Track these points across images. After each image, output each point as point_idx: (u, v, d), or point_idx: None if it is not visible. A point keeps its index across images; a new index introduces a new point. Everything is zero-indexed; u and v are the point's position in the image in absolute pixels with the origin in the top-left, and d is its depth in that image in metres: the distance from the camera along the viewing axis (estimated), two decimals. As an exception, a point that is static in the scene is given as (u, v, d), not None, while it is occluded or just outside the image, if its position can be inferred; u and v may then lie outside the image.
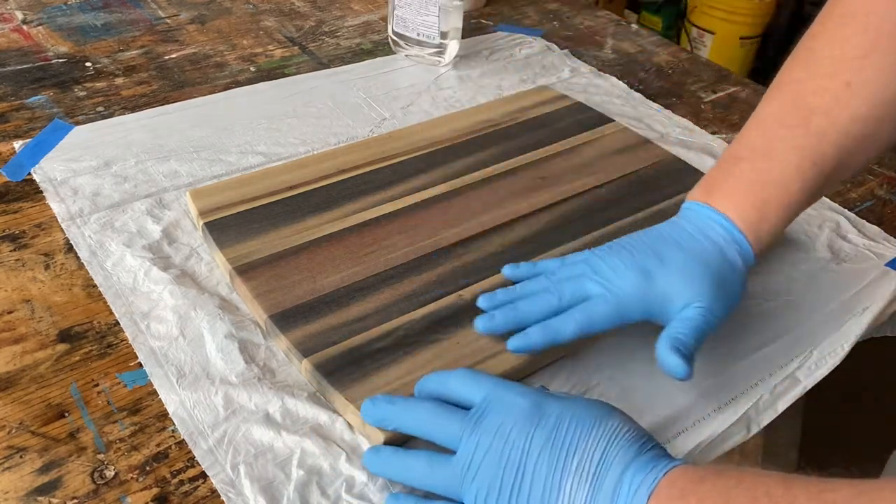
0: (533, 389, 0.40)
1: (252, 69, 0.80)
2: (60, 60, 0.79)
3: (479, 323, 0.48)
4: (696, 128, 0.76)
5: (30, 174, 0.62)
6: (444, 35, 0.80)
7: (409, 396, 0.44)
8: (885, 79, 0.46)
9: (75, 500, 0.40)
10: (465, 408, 0.41)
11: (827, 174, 0.48)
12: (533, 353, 0.47)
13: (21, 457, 0.42)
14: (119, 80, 0.76)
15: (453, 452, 0.39)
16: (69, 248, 0.56)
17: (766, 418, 0.48)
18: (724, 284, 0.47)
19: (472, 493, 0.38)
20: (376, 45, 0.87)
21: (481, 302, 0.50)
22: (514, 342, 0.47)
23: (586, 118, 0.73)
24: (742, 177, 0.49)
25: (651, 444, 0.38)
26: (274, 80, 0.78)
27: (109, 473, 0.42)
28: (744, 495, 0.32)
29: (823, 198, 0.66)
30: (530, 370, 0.49)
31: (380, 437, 0.43)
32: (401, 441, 0.44)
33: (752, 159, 0.49)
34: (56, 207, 0.59)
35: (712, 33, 2.20)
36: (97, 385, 0.46)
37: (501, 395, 0.40)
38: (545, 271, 0.51)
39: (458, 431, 0.39)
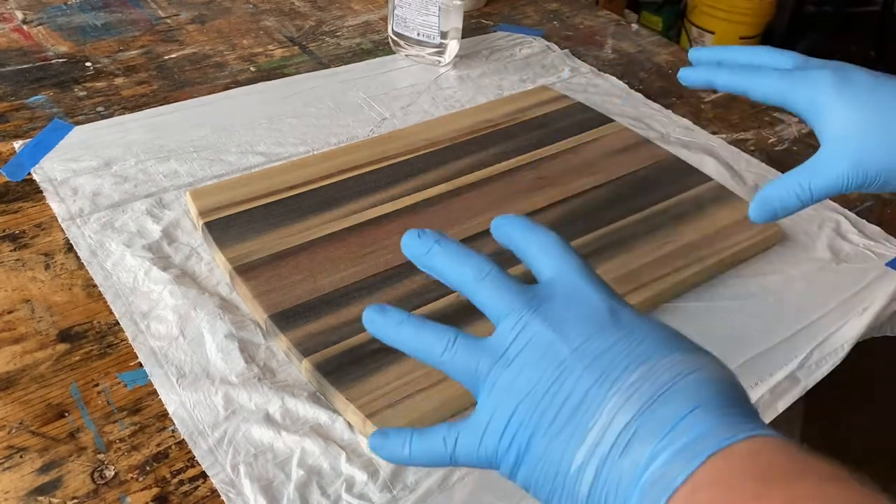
0: (611, 293, 0.33)
1: (252, 69, 0.80)
2: (60, 60, 0.79)
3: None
4: (696, 128, 0.76)
5: (30, 174, 0.62)
6: (444, 35, 0.80)
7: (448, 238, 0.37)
8: None
9: (75, 500, 0.40)
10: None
11: None
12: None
13: (21, 457, 0.42)
14: (119, 80, 0.76)
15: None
16: (69, 248, 0.56)
17: (766, 418, 0.48)
18: None
19: (495, 383, 0.31)
20: (376, 44, 0.87)
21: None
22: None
23: (586, 118, 0.73)
24: None
25: (735, 396, 0.29)
26: (274, 80, 0.78)
27: (109, 473, 0.42)
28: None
29: (823, 198, 0.66)
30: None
31: (380, 437, 0.43)
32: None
33: None
34: (56, 207, 0.59)
35: (712, 33, 2.20)
36: (97, 385, 0.46)
37: (573, 282, 0.33)
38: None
39: (507, 305, 0.33)
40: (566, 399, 0.30)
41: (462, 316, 0.50)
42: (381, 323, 0.35)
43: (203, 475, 0.42)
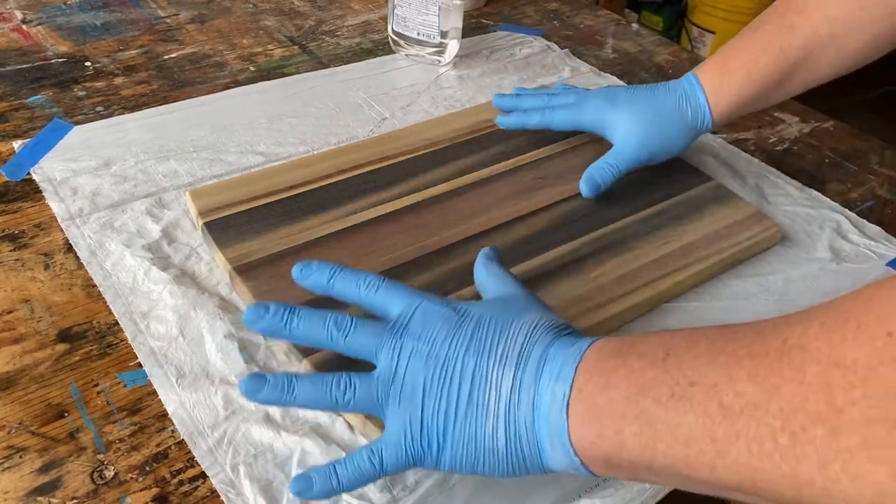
0: (449, 299, 0.41)
1: (252, 69, 0.80)
2: (60, 60, 0.79)
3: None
4: (697, 127, 0.76)
5: (29, 174, 0.62)
6: (444, 34, 0.80)
7: (306, 306, 0.41)
8: None
9: (75, 500, 0.40)
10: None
11: (792, 62, 0.58)
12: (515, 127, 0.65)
13: (21, 457, 0.42)
14: (119, 80, 0.76)
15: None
16: (69, 248, 0.56)
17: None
18: (665, 128, 0.61)
19: (397, 400, 0.37)
20: (376, 44, 0.87)
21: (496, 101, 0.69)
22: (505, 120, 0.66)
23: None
24: (721, 52, 0.61)
25: (569, 329, 0.39)
26: (274, 80, 0.78)
27: (109, 473, 0.42)
28: (677, 339, 0.33)
29: (824, 198, 0.66)
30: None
31: (379, 435, 0.43)
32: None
33: (736, 41, 0.61)
34: (55, 207, 0.59)
35: (713, 33, 2.20)
36: (97, 385, 0.46)
37: (423, 304, 0.39)
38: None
39: (376, 341, 0.39)
40: (459, 388, 0.37)
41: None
42: (271, 393, 0.39)
43: (203, 475, 0.42)
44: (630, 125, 0.61)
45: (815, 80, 0.60)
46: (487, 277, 0.44)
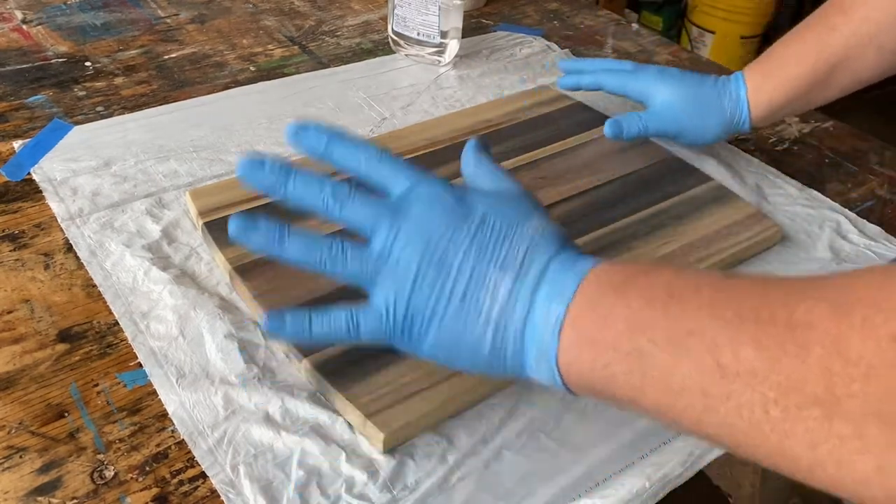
0: (456, 185, 0.39)
1: (252, 69, 0.80)
2: (60, 60, 0.79)
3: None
4: (697, 127, 0.76)
5: (29, 174, 0.62)
6: (444, 34, 0.80)
7: (299, 166, 0.39)
8: None
9: (75, 500, 0.40)
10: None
11: (831, 63, 0.59)
12: None
13: (21, 457, 0.42)
14: (119, 80, 0.76)
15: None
16: (69, 248, 0.56)
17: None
18: (702, 113, 0.64)
19: (388, 277, 0.37)
20: (376, 44, 0.87)
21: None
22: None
23: (586, 118, 0.73)
24: (767, 53, 0.64)
25: (572, 244, 0.38)
26: (274, 80, 0.78)
27: (109, 473, 0.42)
28: (681, 283, 0.32)
29: (823, 198, 0.66)
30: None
31: (380, 437, 0.43)
32: (399, 443, 0.44)
33: (780, 42, 0.63)
34: (55, 207, 0.59)
35: (713, 33, 2.20)
36: (97, 385, 0.46)
37: (427, 187, 0.38)
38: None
39: (374, 217, 0.38)
40: (454, 283, 0.36)
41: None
42: (261, 241, 0.39)
43: (203, 475, 0.42)
44: (670, 97, 0.64)
45: (860, 81, 0.61)
46: (478, 170, 0.42)
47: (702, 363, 0.29)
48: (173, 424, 0.44)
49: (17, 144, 0.65)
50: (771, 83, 0.62)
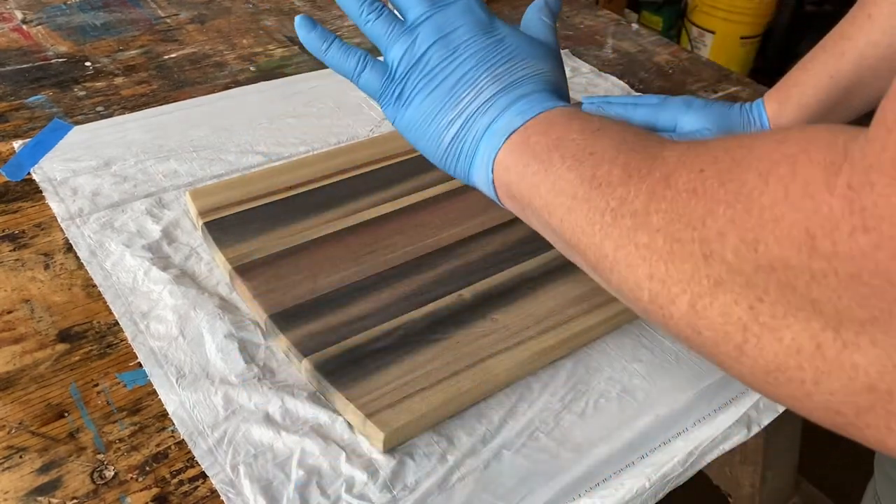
0: (491, 13, 0.44)
1: (252, 69, 0.80)
2: (60, 60, 0.79)
3: None
4: (697, 127, 0.76)
5: (29, 174, 0.62)
6: None
7: None
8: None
9: (75, 500, 0.40)
10: None
11: (844, 87, 0.60)
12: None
13: (21, 457, 0.42)
14: (119, 80, 0.76)
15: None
16: (69, 248, 0.56)
17: (766, 418, 0.48)
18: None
19: (402, 49, 0.42)
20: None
21: None
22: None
23: (586, 118, 0.73)
24: (784, 79, 0.64)
25: (561, 95, 0.42)
26: (274, 80, 0.78)
27: (109, 473, 0.42)
28: (609, 124, 0.37)
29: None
30: (531, 370, 0.49)
31: (380, 436, 0.43)
32: (399, 443, 0.44)
33: (795, 68, 0.64)
34: (56, 207, 0.59)
35: (713, 33, 2.20)
36: (97, 385, 0.46)
37: (470, 8, 0.43)
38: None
39: (421, 3, 0.42)
40: (449, 75, 0.41)
41: (458, 316, 0.50)
42: (308, 39, 0.45)
43: (203, 475, 0.42)
44: (699, 125, 0.65)
45: (877, 100, 0.61)
46: (536, 21, 0.46)
47: (583, 173, 0.34)
48: (173, 424, 0.44)
49: (17, 144, 0.65)
50: (789, 110, 0.63)
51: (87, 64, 0.79)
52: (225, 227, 0.56)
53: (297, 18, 0.45)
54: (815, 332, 0.24)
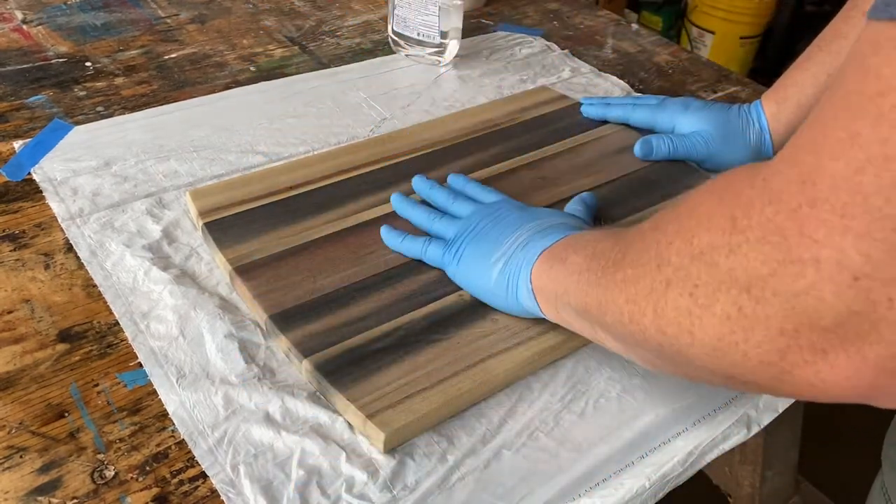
0: (524, 205, 0.54)
1: (252, 69, 0.80)
2: (60, 60, 0.79)
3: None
4: (697, 128, 0.76)
5: (29, 174, 0.62)
6: (444, 35, 0.80)
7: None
8: None
9: (75, 500, 0.40)
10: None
11: None
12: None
13: (21, 457, 0.42)
14: (119, 80, 0.76)
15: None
16: (69, 248, 0.56)
17: (766, 418, 0.48)
18: (728, 140, 0.66)
19: (457, 229, 0.53)
20: (376, 44, 0.87)
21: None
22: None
23: (586, 118, 0.73)
24: (781, 80, 0.66)
25: (575, 228, 0.49)
26: (274, 80, 0.78)
27: (109, 473, 0.42)
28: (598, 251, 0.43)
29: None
30: (530, 369, 0.49)
31: (380, 437, 0.43)
32: (399, 443, 0.44)
33: (792, 68, 0.65)
34: (56, 207, 0.59)
35: (712, 33, 2.20)
36: (97, 385, 0.46)
37: (511, 200, 0.55)
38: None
39: (468, 208, 0.55)
40: (492, 232, 0.51)
41: (458, 316, 0.50)
42: (388, 237, 0.56)
43: (203, 475, 0.42)
44: (698, 126, 0.67)
45: None
46: (572, 209, 0.56)
47: (587, 254, 0.42)
48: (173, 424, 0.44)
49: (17, 144, 0.66)
50: (787, 109, 0.64)
51: (88, 64, 0.79)
52: (225, 227, 0.56)
53: (382, 229, 0.56)
54: (735, 297, 0.30)
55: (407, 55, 0.84)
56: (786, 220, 0.28)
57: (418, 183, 0.60)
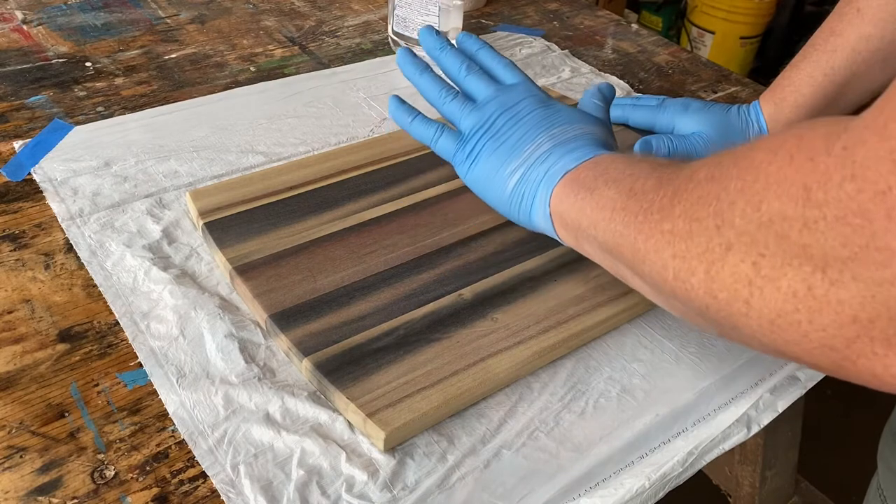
0: (548, 95, 0.52)
1: (252, 69, 0.80)
2: (60, 60, 0.79)
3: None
4: (696, 128, 0.76)
5: (30, 174, 0.62)
6: (444, 35, 0.80)
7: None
8: (885, 3, 0.58)
9: (75, 500, 0.40)
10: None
11: (839, 83, 0.61)
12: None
13: (21, 457, 0.42)
14: (119, 80, 0.76)
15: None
16: (69, 248, 0.56)
17: (766, 418, 0.48)
18: (729, 140, 0.65)
19: (473, 120, 0.50)
20: (376, 44, 0.87)
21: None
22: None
23: (586, 118, 0.73)
24: (778, 79, 0.65)
25: (606, 147, 0.48)
26: (274, 80, 0.78)
27: (109, 473, 0.42)
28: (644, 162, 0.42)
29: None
30: (531, 369, 0.49)
31: (381, 436, 0.43)
32: (399, 442, 0.44)
33: (789, 67, 0.65)
34: (56, 207, 0.59)
35: (712, 33, 2.20)
36: (97, 385, 0.46)
37: (531, 85, 0.52)
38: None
39: (486, 89, 0.52)
40: (513, 135, 0.49)
41: (458, 315, 0.50)
42: (397, 112, 0.54)
43: (203, 475, 0.42)
44: (698, 126, 0.67)
45: (872, 93, 0.63)
46: (590, 103, 0.53)
47: (622, 189, 0.40)
48: (173, 424, 0.44)
49: (17, 144, 0.66)
50: (786, 109, 0.64)
51: (88, 64, 0.79)
52: (225, 227, 0.56)
53: (391, 98, 0.54)
54: (807, 275, 0.28)
55: (407, 55, 0.84)
56: (870, 201, 0.25)
57: (426, 37, 0.56)
